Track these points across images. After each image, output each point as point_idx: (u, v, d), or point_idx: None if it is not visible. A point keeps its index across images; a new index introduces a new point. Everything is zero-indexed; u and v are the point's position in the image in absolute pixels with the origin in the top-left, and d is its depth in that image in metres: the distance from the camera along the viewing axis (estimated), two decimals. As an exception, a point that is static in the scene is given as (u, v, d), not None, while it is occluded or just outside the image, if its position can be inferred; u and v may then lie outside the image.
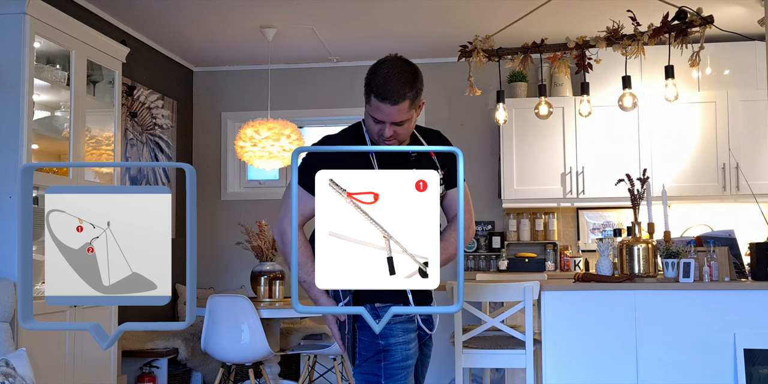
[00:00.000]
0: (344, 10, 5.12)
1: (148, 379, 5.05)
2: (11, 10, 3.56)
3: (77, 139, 3.99)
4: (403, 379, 2.36)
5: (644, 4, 4.41)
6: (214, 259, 6.40)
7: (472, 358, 3.75)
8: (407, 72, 2.30)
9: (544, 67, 5.64)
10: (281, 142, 5.13)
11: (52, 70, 3.94)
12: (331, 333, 2.46)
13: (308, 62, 6.44)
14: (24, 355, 3.17)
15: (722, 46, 5.44)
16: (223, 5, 5.02)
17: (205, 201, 6.49)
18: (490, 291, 3.72)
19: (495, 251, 5.93)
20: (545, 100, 4.63)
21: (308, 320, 5.60)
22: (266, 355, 4.26)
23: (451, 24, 5.39)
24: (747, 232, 4.55)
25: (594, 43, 4.29)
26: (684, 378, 3.45)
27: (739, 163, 5.35)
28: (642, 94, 5.32)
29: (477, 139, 6.14)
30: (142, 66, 5.68)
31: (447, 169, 2.47)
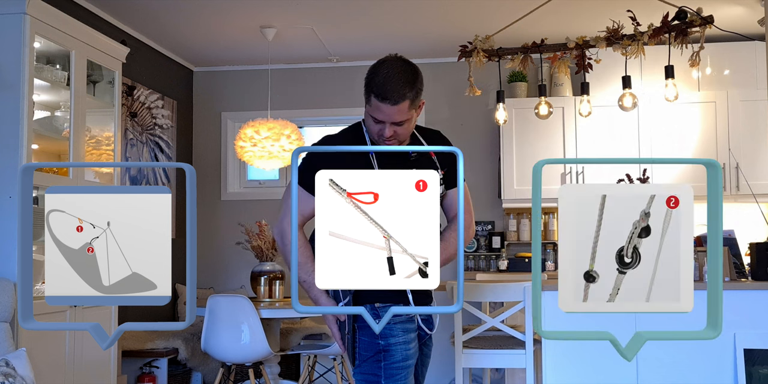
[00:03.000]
0: (344, 10, 5.12)
1: (148, 379, 5.05)
2: (11, 10, 3.56)
3: (77, 139, 3.99)
4: (403, 379, 2.36)
5: (644, 4, 4.41)
6: (214, 259, 6.40)
7: (472, 358, 3.75)
8: (407, 72, 2.30)
9: (544, 67, 5.64)
10: (281, 142, 5.13)
11: (52, 70, 3.94)
12: (331, 333, 2.46)
13: (308, 62, 6.44)
14: (24, 355, 3.17)
15: (722, 46, 5.44)
16: (223, 5, 5.02)
17: (205, 201, 6.49)
18: (490, 291, 3.72)
19: (495, 251, 5.93)
20: (545, 100, 4.63)
21: (308, 320, 5.60)
22: (266, 355, 4.26)
23: (451, 24, 5.39)
24: (747, 232, 4.56)
25: (594, 43, 4.29)
26: (684, 378, 3.45)
27: (739, 163, 5.35)
28: (642, 94, 5.32)
29: (477, 139, 6.14)
30: (142, 66, 5.68)
31: (447, 169, 2.47)
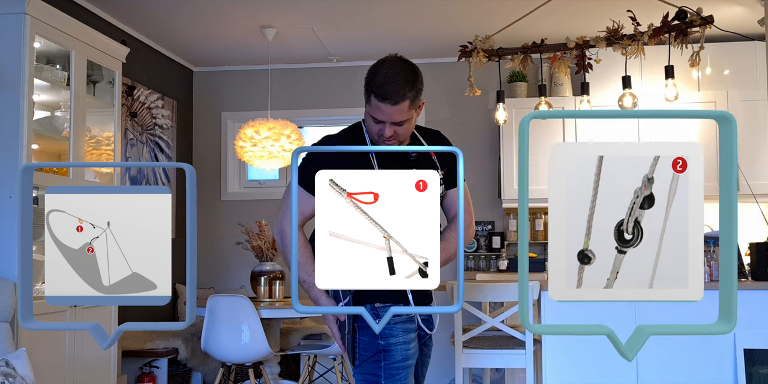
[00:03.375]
0: (344, 10, 5.13)
1: (148, 379, 5.05)
2: (11, 10, 3.56)
3: (77, 139, 3.99)
4: (403, 379, 2.36)
5: (644, 4, 4.41)
6: (214, 259, 6.40)
7: (472, 358, 3.75)
8: (407, 72, 2.30)
9: (544, 67, 5.64)
10: (281, 142, 5.14)
11: (52, 70, 3.94)
12: (331, 333, 2.46)
13: (308, 62, 6.44)
14: (24, 355, 3.17)
15: (722, 46, 5.44)
16: (223, 5, 5.02)
17: (205, 201, 6.49)
18: (490, 291, 3.72)
19: (495, 251, 5.93)
20: (545, 100, 4.63)
21: (308, 320, 5.60)
22: (266, 355, 4.26)
23: (451, 24, 5.39)
24: (747, 232, 4.56)
25: (594, 43, 4.29)
26: (684, 378, 3.45)
27: (739, 163, 5.34)
28: (642, 94, 5.32)
29: (477, 139, 6.14)
30: (142, 66, 5.68)
31: (447, 169, 2.47)
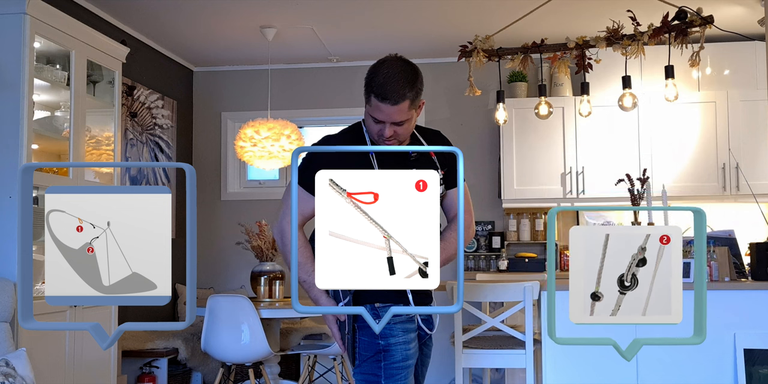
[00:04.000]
0: (344, 10, 5.13)
1: (148, 379, 5.05)
2: (11, 10, 3.56)
3: (77, 139, 3.99)
4: (403, 379, 2.36)
5: (644, 4, 4.41)
6: (214, 259, 6.40)
7: (472, 358, 3.75)
8: (407, 72, 2.30)
9: (544, 67, 5.64)
10: (281, 142, 5.14)
11: (52, 70, 3.94)
12: (331, 333, 2.46)
13: (308, 62, 6.44)
14: (24, 355, 3.17)
15: (722, 46, 5.44)
16: (223, 5, 5.02)
17: (205, 201, 6.49)
18: (490, 291, 3.72)
19: (495, 251, 5.93)
20: (545, 100, 4.63)
21: (308, 320, 5.60)
22: (266, 355, 4.26)
23: (451, 24, 5.39)
24: (747, 232, 4.56)
25: (594, 43, 4.29)
26: (684, 378, 3.45)
27: (739, 163, 5.35)
28: (642, 94, 5.32)
29: (477, 139, 6.14)
30: (142, 66, 5.68)
31: (447, 169, 2.47)
